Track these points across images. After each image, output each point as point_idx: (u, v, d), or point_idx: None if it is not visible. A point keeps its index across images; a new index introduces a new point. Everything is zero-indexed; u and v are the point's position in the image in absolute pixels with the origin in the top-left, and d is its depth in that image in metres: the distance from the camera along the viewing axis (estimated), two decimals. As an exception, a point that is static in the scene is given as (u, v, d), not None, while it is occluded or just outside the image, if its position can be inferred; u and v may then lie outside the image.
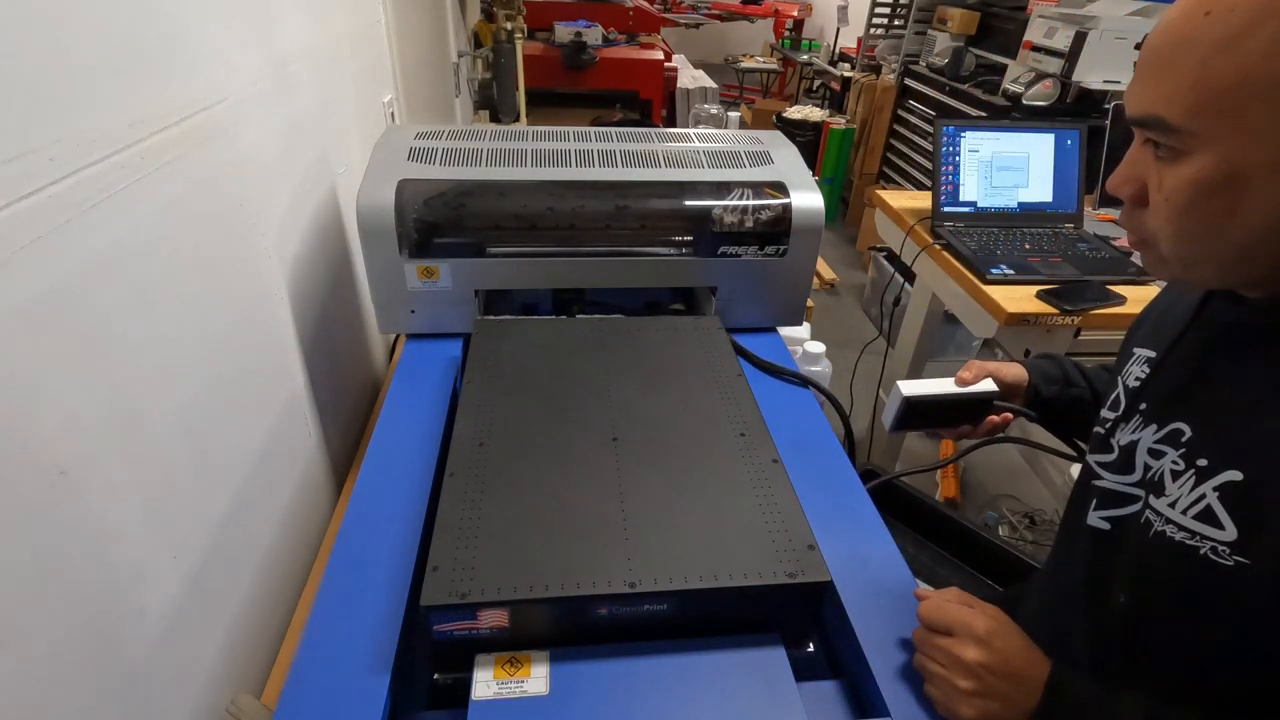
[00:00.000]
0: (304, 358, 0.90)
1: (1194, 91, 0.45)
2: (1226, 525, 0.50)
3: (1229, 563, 0.50)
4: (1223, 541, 0.50)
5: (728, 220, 0.94)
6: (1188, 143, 0.47)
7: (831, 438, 0.84)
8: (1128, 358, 0.68)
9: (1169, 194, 0.49)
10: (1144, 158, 0.51)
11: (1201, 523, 0.51)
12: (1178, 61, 0.46)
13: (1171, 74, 0.47)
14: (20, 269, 0.43)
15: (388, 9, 1.39)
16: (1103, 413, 0.68)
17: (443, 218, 0.90)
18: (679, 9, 6.06)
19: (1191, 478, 0.53)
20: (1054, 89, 2.63)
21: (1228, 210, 0.47)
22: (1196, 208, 0.48)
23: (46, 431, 0.46)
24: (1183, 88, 0.46)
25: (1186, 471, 0.54)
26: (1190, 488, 0.53)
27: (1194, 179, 0.47)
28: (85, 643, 0.50)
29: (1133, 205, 0.53)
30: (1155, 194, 0.50)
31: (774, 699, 0.54)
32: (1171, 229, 0.50)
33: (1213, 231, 0.48)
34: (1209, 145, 0.46)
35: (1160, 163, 0.49)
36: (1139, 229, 0.54)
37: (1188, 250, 0.51)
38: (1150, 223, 0.52)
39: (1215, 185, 0.46)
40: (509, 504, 0.63)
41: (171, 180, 0.60)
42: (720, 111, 2.43)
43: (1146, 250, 0.55)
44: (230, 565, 0.71)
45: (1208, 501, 0.52)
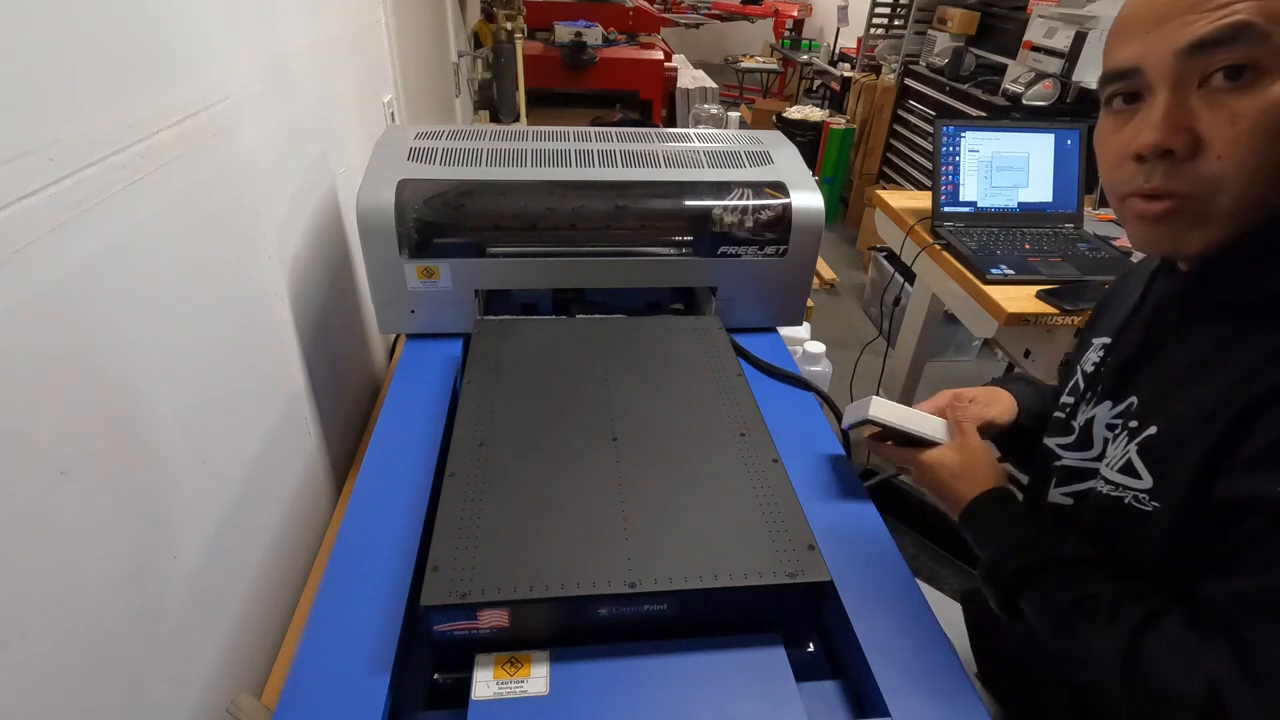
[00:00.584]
0: (304, 358, 0.90)
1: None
2: (1143, 475, 0.54)
3: (1149, 509, 0.54)
4: (1141, 489, 0.54)
5: (728, 220, 0.94)
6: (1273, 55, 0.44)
7: (832, 438, 0.84)
8: (1085, 346, 0.71)
9: (1256, 119, 0.45)
10: (1186, 104, 0.48)
11: (1124, 474, 0.56)
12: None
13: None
14: (20, 269, 0.43)
15: (388, 9, 1.39)
16: (1062, 399, 0.70)
17: (443, 218, 0.90)
18: (679, 9, 6.06)
19: (1124, 437, 0.57)
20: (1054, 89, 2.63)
21: None
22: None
23: (46, 431, 0.46)
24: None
25: (1122, 433, 0.58)
26: (1122, 446, 0.57)
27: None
28: (85, 643, 0.50)
29: (1180, 159, 0.49)
30: (1226, 130, 0.47)
31: (774, 699, 0.54)
32: (1253, 161, 0.46)
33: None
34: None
35: (1227, 95, 0.46)
36: (1189, 184, 0.49)
37: (1258, 191, 0.47)
38: (1214, 168, 0.48)
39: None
40: (509, 504, 0.63)
41: (171, 180, 0.60)
42: (720, 111, 2.43)
43: (1185, 211, 0.50)
44: (230, 565, 0.71)
45: (1129, 455, 0.56)
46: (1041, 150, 1.66)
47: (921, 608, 0.64)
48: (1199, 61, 0.47)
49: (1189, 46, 0.47)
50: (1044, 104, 2.65)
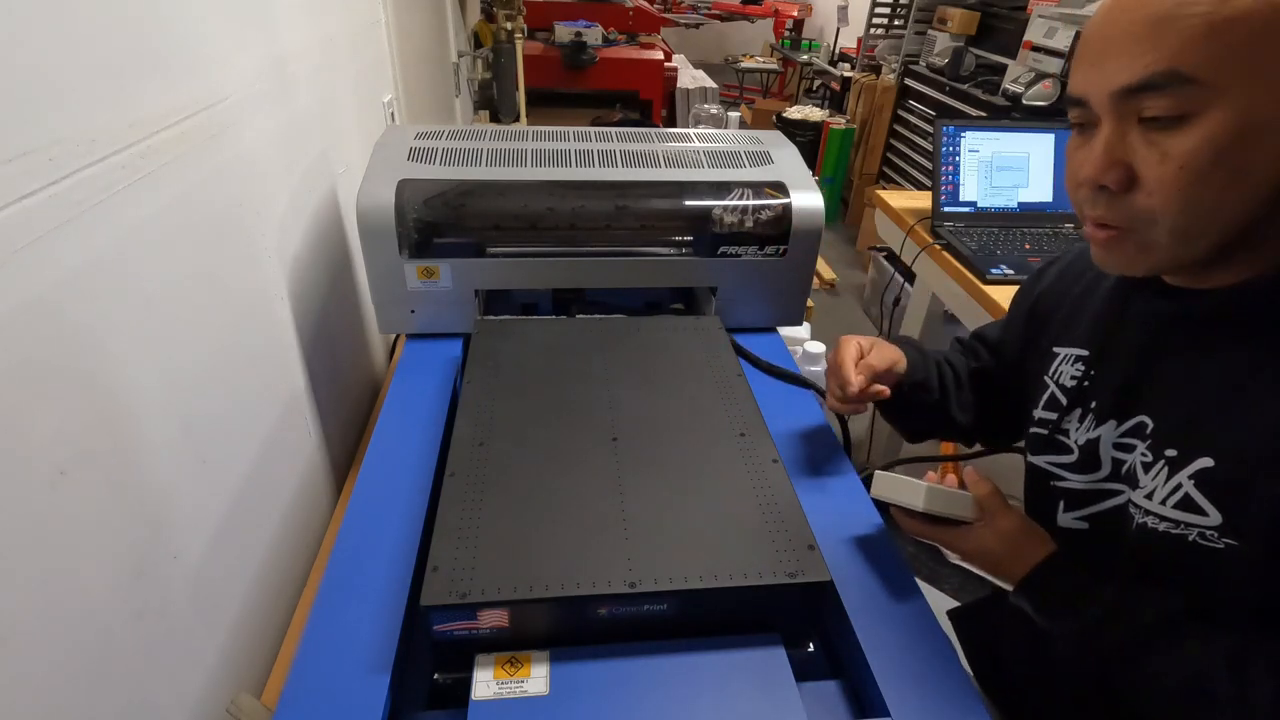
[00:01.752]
0: (304, 358, 0.90)
1: (1207, 40, 0.44)
2: (1209, 511, 0.51)
3: (1220, 545, 0.51)
4: (1209, 526, 0.51)
5: (728, 220, 0.94)
6: (1199, 100, 0.45)
7: (832, 438, 0.84)
8: (1049, 357, 0.69)
9: (1183, 160, 0.47)
10: (1124, 140, 0.50)
11: (1183, 511, 0.53)
12: (1179, 18, 0.45)
13: (1173, 30, 0.45)
14: (20, 269, 0.43)
15: (388, 9, 1.39)
16: (1038, 413, 0.69)
17: (443, 218, 0.90)
18: (679, 9, 6.05)
19: (1164, 469, 0.54)
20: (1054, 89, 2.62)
21: (1241, 170, 0.46)
22: (1213, 170, 0.46)
23: (46, 431, 0.46)
24: (1197, 38, 0.44)
25: (1157, 463, 0.55)
26: (1165, 478, 0.54)
27: (1211, 137, 0.46)
28: (86, 643, 0.50)
29: (1116, 192, 0.51)
30: (1156, 169, 0.48)
31: (774, 699, 0.54)
32: (1182, 200, 0.48)
33: (1223, 196, 0.47)
34: (1224, 98, 0.45)
35: (1159, 134, 0.48)
36: (1125, 217, 0.51)
37: (1194, 223, 0.49)
38: (1147, 204, 0.49)
39: (1233, 141, 0.45)
40: (509, 504, 0.63)
41: (172, 180, 0.60)
42: (720, 111, 2.43)
43: (1126, 240, 0.52)
44: (230, 565, 0.71)
45: (1185, 490, 0.52)
46: (1041, 150, 1.66)
47: (921, 608, 0.64)
48: (1132, 103, 0.48)
49: (1122, 90, 0.48)
50: (1044, 104, 2.65)
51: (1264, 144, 0.45)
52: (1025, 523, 0.63)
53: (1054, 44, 2.59)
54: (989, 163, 1.65)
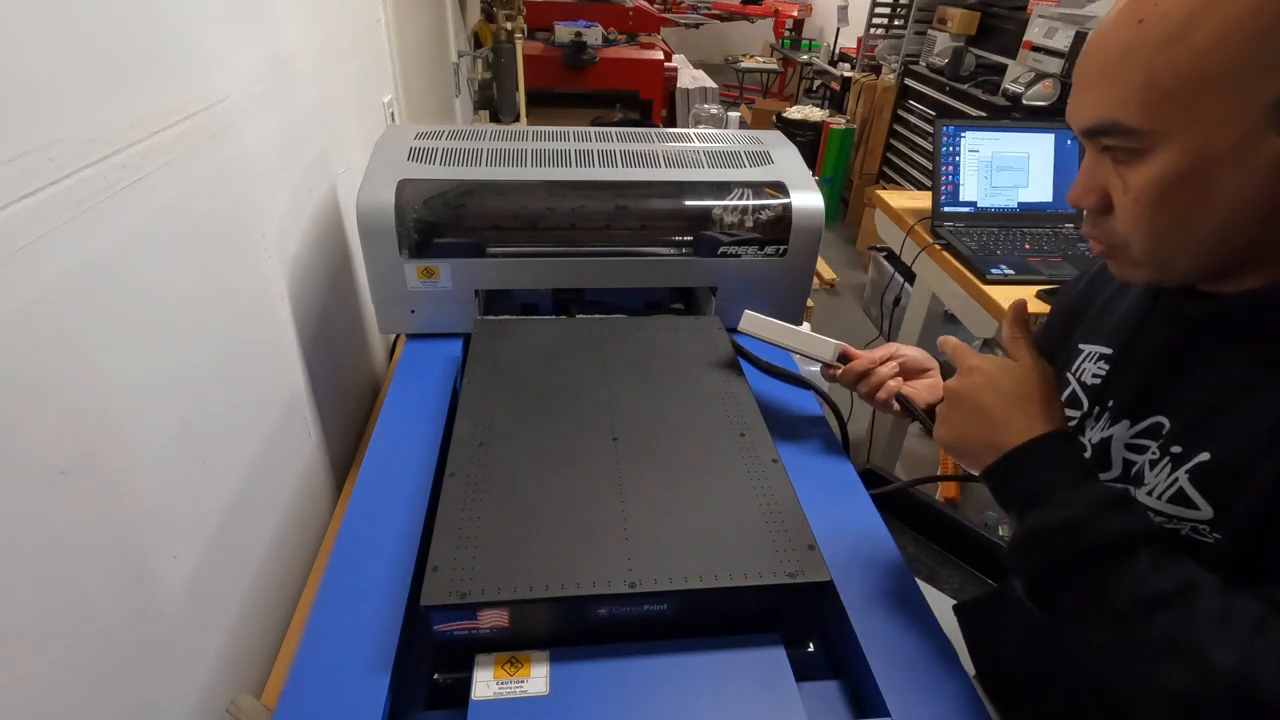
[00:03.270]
0: (304, 358, 0.90)
1: (1145, 90, 0.46)
2: (1201, 505, 0.52)
3: (1210, 540, 0.51)
4: (1200, 520, 0.52)
5: (728, 220, 0.94)
6: (1147, 141, 0.48)
7: (832, 438, 0.84)
8: (1074, 354, 0.69)
9: (1137, 193, 0.49)
10: (1100, 166, 0.52)
11: (1176, 505, 0.53)
12: (1122, 68, 0.47)
13: (1118, 81, 0.47)
14: (20, 269, 0.43)
15: (388, 9, 1.39)
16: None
17: (443, 218, 0.90)
18: (679, 9, 6.06)
19: (1167, 465, 0.55)
20: (1054, 89, 2.62)
21: (1197, 200, 0.48)
22: (1166, 202, 0.48)
23: (46, 431, 0.46)
24: (1133, 90, 0.47)
25: (1163, 459, 0.55)
26: (1166, 474, 0.55)
27: (1160, 175, 0.48)
28: (85, 643, 0.50)
29: (1097, 214, 0.54)
30: (1121, 197, 0.51)
31: (774, 699, 0.54)
32: (1144, 227, 0.50)
33: (1185, 223, 0.49)
34: (1169, 140, 0.47)
35: (1121, 166, 0.50)
36: (1107, 236, 0.54)
37: (1162, 248, 0.51)
38: (1119, 227, 0.52)
39: (1182, 177, 0.47)
40: (509, 504, 0.63)
41: (172, 180, 0.60)
42: (720, 111, 2.43)
43: (1117, 257, 0.55)
44: (230, 565, 0.71)
45: (1180, 484, 0.53)
46: (1041, 150, 1.66)
47: (921, 608, 0.64)
48: (1096, 138, 0.51)
49: (1083, 128, 0.51)
50: (1044, 104, 2.65)
51: (1218, 177, 0.46)
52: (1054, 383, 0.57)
53: (1054, 44, 2.59)
54: (989, 163, 1.65)
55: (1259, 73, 0.43)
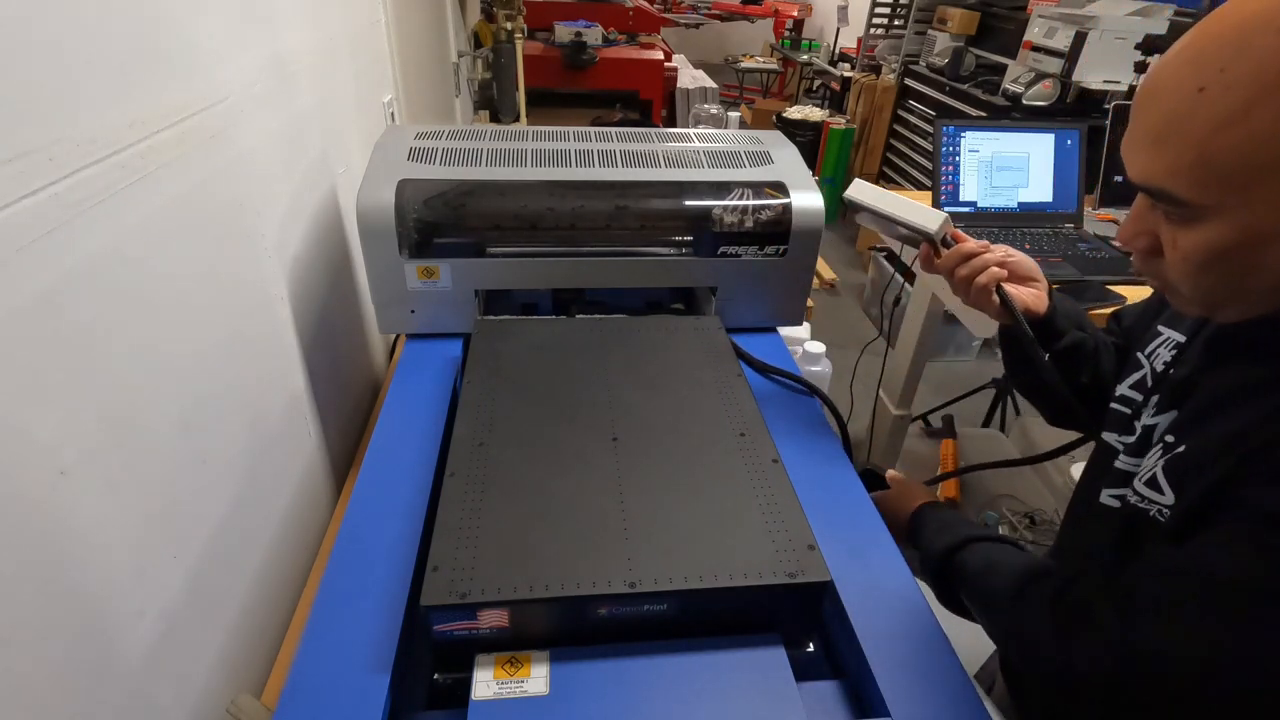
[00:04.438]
0: (304, 358, 0.90)
1: (1198, 169, 0.45)
2: (1166, 491, 0.55)
3: (1168, 524, 0.55)
4: (1164, 505, 0.55)
5: (728, 220, 0.94)
6: (1197, 213, 0.47)
7: (832, 438, 0.84)
8: (1154, 336, 0.68)
9: (1185, 254, 0.49)
10: (1153, 212, 0.51)
11: (1149, 488, 0.57)
12: (1176, 137, 0.46)
13: (1171, 149, 0.46)
14: (20, 269, 0.43)
15: (388, 9, 1.39)
16: (1124, 390, 0.68)
17: (443, 218, 0.90)
18: (679, 9, 6.05)
19: (1159, 450, 0.58)
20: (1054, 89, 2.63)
21: (1246, 268, 0.47)
22: (1215, 267, 0.48)
23: (46, 431, 0.46)
24: (1185, 164, 0.45)
25: (1157, 445, 0.59)
26: (1154, 461, 0.58)
27: (1209, 243, 0.47)
28: (85, 643, 0.50)
29: (1148, 255, 0.53)
30: (1170, 251, 0.50)
31: (774, 699, 0.54)
32: (1190, 282, 0.51)
33: (1233, 284, 0.49)
34: (1221, 215, 0.46)
35: (1171, 223, 0.49)
36: (1159, 276, 0.54)
37: (1210, 299, 0.52)
38: (1169, 274, 0.52)
39: (1230, 248, 0.47)
40: (509, 504, 0.63)
41: (172, 180, 0.60)
42: (720, 111, 2.43)
43: (1169, 293, 0.55)
44: (230, 565, 0.71)
45: (1155, 470, 0.57)
46: (1041, 150, 1.66)
47: (921, 608, 0.64)
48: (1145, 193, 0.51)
49: (1133, 181, 0.51)
50: (1044, 104, 2.65)
51: (1269, 251, 0.46)
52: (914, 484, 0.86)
53: (1054, 44, 2.59)
54: (989, 163, 1.66)
55: None
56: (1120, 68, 2.43)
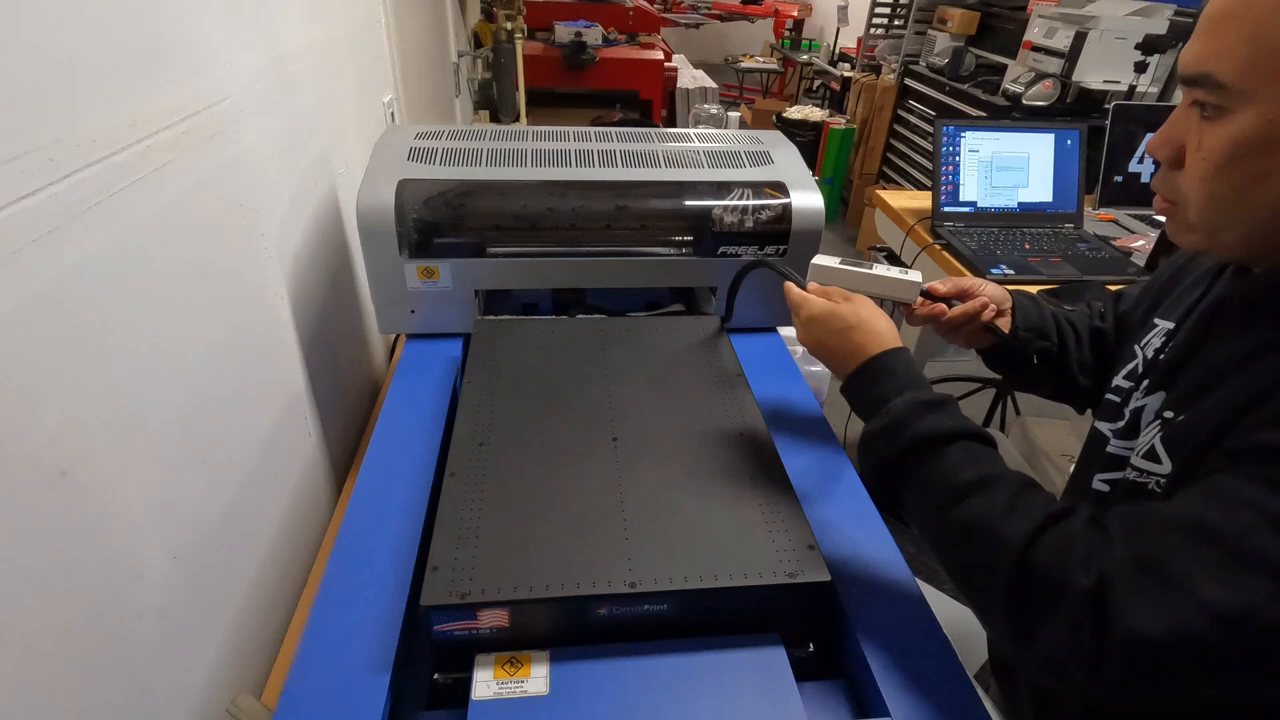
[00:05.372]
0: (304, 358, 0.90)
1: (1246, 47, 0.46)
2: (1164, 460, 0.55)
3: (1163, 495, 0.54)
4: (1161, 474, 0.55)
5: (728, 220, 0.94)
6: (1233, 100, 0.48)
7: (832, 438, 0.84)
8: (1149, 328, 0.69)
9: (1206, 152, 0.50)
10: (1186, 120, 0.52)
11: (1147, 460, 0.56)
12: (1234, 19, 0.47)
13: (1227, 31, 0.47)
14: (20, 269, 0.43)
15: (388, 9, 1.39)
16: (1118, 380, 0.69)
17: (443, 218, 0.90)
18: (679, 9, 6.06)
19: (1156, 425, 0.58)
20: (1054, 89, 2.63)
21: (1261, 174, 0.48)
22: (1231, 167, 0.49)
23: (46, 431, 0.46)
24: (1237, 44, 0.47)
25: (1155, 421, 0.58)
26: (1151, 434, 0.58)
27: (1234, 137, 0.48)
28: (85, 643, 0.50)
29: (1168, 167, 0.54)
30: (1193, 154, 0.51)
31: (774, 699, 0.54)
32: (1205, 189, 0.51)
33: (1241, 194, 0.49)
34: (1253, 104, 0.47)
35: (1204, 123, 0.50)
36: (1171, 192, 0.55)
37: (1215, 216, 0.52)
38: (1183, 185, 0.53)
39: (1253, 145, 0.47)
40: (509, 504, 0.63)
41: (171, 180, 0.60)
42: (720, 111, 2.43)
43: (1174, 215, 0.56)
44: (230, 565, 0.71)
45: (1153, 442, 0.56)
46: (1041, 150, 1.66)
47: (921, 608, 0.64)
48: (1191, 89, 0.51)
49: (1182, 76, 0.52)
50: (1044, 104, 2.65)
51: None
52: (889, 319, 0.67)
53: (1054, 44, 2.59)
54: (989, 163, 1.66)
55: None
56: (1120, 68, 2.43)
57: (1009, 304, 0.81)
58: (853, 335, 0.63)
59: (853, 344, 0.63)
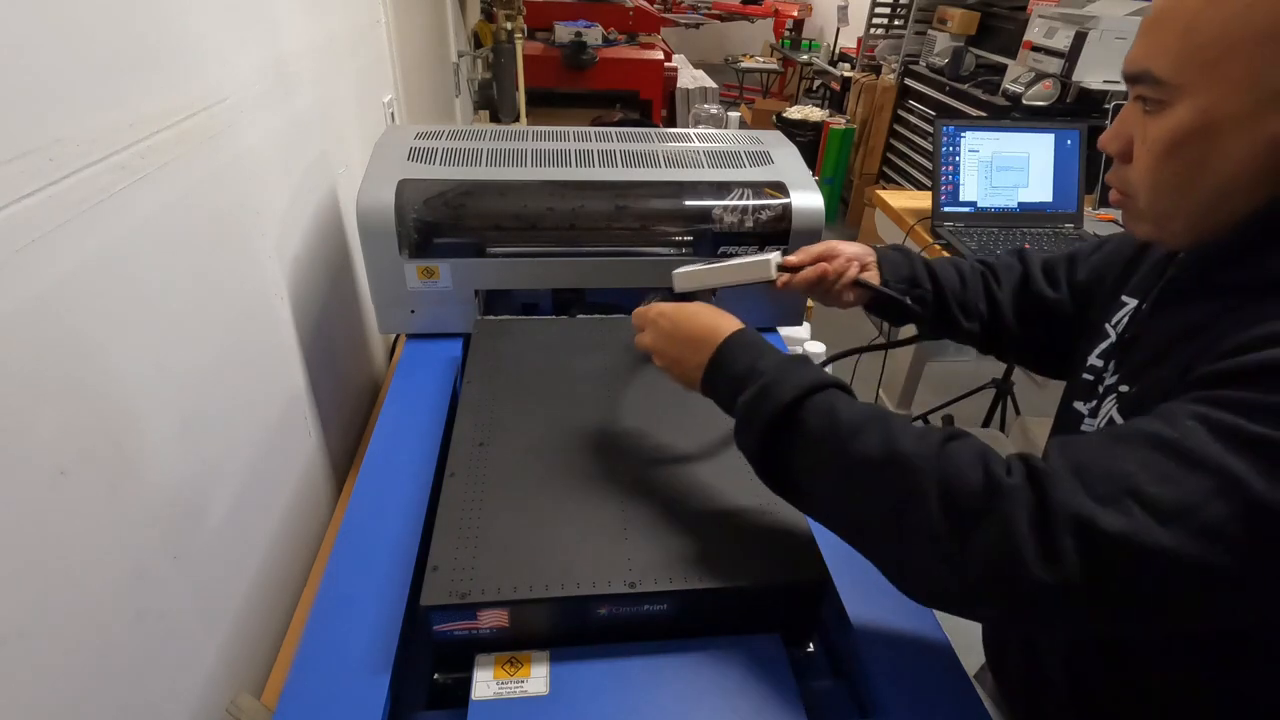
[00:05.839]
0: (304, 358, 0.90)
1: (1180, 42, 0.48)
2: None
3: None
4: None
5: (728, 220, 0.94)
6: (1171, 94, 0.50)
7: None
8: (1117, 306, 0.69)
9: (1150, 144, 0.52)
10: (1133, 116, 0.54)
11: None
12: (1169, 18, 0.49)
13: (1163, 29, 0.50)
14: (20, 269, 0.43)
15: (388, 9, 1.39)
16: (1092, 359, 0.68)
17: (443, 218, 0.90)
18: (679, 9, 6.05)
19: (1113, 399, 0.59)
20: (1054, 89, 2.63)
21: (1199, 161, 0.50)
22: (1172, 157, 0.51)
23: (47, 431, 0.46)
24: (1172, 40, 0.49)
25: (1110, 395, 0.60)
26: (1108, 408, 0.59)
27: (1173, 128, 0.50)
28: (85, 643, 0.50)
29: (1120, 161, 0.56)
30: (1140, 147, 0.53)
31: (774, 699, 0.54)
32: (1150, 179, 0.53)
33: (1184, 183, 0.52)
34: (1189, 96, 0.49)
35: (1147, 117, 0.52)
36: (1123, 184, 0.57)
37: (1162, 203, 0.54)
38: (1132, 177, 0.55)
39: (1190, 135, 0.50)
40: (509, 504, 0.63)
41: (171, 180, 0.60)
42: (720, 111, 2.43)
43: (1127, 207, 0.58)
44: (230, 565, 0.71)
45: (1110, 414, 0.58)
46: (1041, 150, 1.66)
47: (921, 608, 0.64)
48: (1134, 86, 0.54)
49: (1124, 74, 0.54)
50: (1044, 104, 2.65)
51: (1222, 143, 0.49)
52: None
53: (1054, 44, 2.59)
54: (989, 163, 1.66)
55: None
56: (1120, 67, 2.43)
57: (873, 258, 0.84)
58: (702, 320, 0.63)
59: (704, 327, 0.62)
